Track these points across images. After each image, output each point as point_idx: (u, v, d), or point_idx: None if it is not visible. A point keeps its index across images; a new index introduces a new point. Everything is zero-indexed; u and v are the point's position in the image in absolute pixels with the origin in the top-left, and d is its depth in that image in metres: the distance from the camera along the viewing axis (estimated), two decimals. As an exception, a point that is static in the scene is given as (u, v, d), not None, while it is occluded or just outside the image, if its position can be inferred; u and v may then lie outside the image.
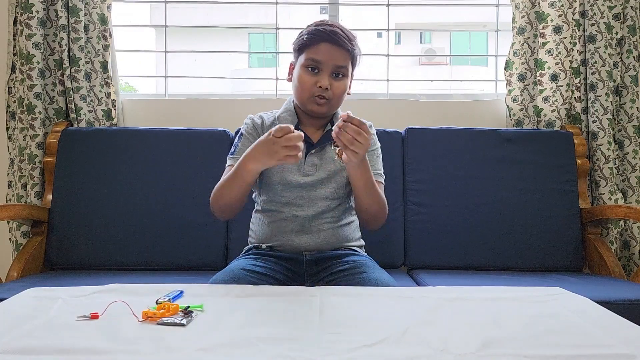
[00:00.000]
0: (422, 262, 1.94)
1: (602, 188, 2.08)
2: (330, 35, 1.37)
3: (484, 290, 1.13)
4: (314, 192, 1.43)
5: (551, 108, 2.14)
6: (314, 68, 1.39)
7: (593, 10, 2.08)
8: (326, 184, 1.44)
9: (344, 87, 1.42)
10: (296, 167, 1.43)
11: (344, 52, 1.39)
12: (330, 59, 1.38)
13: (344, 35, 1.39)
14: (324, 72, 1.39)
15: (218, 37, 9.35)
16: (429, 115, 2.24)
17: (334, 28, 1.39)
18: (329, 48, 1.38)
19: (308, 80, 1.39)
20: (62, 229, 1.91)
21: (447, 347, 0.79)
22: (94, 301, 1.01)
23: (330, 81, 1.39)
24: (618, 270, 1.87)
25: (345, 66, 1.40)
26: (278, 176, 1.43)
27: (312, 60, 1.38)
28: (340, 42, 1.38)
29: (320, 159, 1.45)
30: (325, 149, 1.46)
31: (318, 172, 1.44)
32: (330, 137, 1.38)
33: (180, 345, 0.79)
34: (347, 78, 1.42)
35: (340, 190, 1.46)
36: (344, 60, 1.40)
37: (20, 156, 2.06)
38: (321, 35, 1.38)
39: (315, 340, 0.82)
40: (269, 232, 1.45)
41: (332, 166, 1.44)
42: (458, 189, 1.98)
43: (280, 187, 1.44)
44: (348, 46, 1.39)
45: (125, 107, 2.23)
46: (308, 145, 1.43)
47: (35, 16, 2.00)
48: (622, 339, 0.83)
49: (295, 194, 1.43)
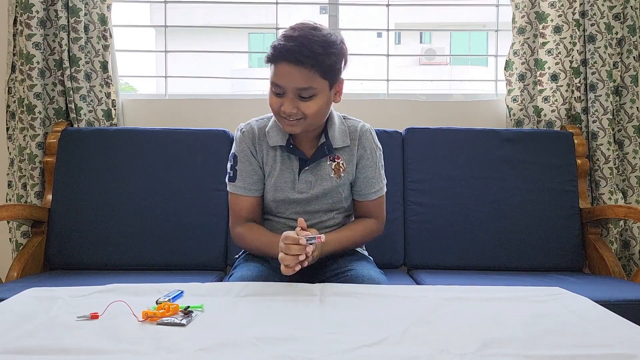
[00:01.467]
0: (422, 262, 1.94)
1: (602, 188, 2.08)
2: (287, 54, 1.21)
3: (484, 290, 1.13)
4: (309, 207, 1.40)
5: (551, 108, 2.14)
6: (278, 92, 1.26)
7: (593, 10, 2.08)
8: (322, 199, 1.40)
9: (316, 106, 1.27)
10: (290, 185, 1.38)
11: (305, 71, 1.22)
12: (291, 82, 1.24)
13: (305, 50, 1.21)
14: (287, 95, 1.25)
15: (218, 37, 9.34)
16: (429, 115, 2.24)
17: (293, 43, 1.22)
18: (288, 70, 1.22)
19: (274, 102, 1.28)
20: (62, 229, 1.91)
21: (447, 347, 0.79)
22: (94, 301, 1.01)
23: (297, 103, 1.26)
24: (618, 270, 1.87)
25: (309, 87, 1.24)
26: (271, 195, 1.40)
27: (274, 84, 1.26)
28: (298, 62, 1.21)
29: (315, 175, 1.38)
30: (320, 165, 1.38)
31: (313, 189, 1.38)
32: (324, 150, 1.37)
33: (180, 345, 0.79)
34: (318, 96, 1.26)
35: (338, 203, 1.42)
36: (307, 80, 1.23)
37: (20, 156, 2.06)
38: (278, 54, 1.23)
39: (315, 340, 0.82)
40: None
41: (328, 183, 1.38)
42: (458, 189, 1.98)
43: (274, 205, 1.42)
44: (310, 62, 1.21)
45: (125, 107, 2.23)
46: (301, 161, 1.37)
47: (35, 16, 2.00)
48: (622, 339, 0.83)
49: (291, 209, 1.41)
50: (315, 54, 1.22)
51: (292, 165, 1.39)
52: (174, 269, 1.88)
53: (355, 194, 1.44)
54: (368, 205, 1.45)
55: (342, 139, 1.39)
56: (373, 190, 1.43)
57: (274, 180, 1.39)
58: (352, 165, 1.40)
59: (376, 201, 1.45)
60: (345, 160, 1.40)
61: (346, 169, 1.39)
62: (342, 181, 1.40)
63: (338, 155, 1.39)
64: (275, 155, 1.39)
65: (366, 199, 1.43)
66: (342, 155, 1.40)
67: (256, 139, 1.40)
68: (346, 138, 1.39)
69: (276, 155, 1.39)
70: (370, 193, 1.43)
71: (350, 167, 1.40)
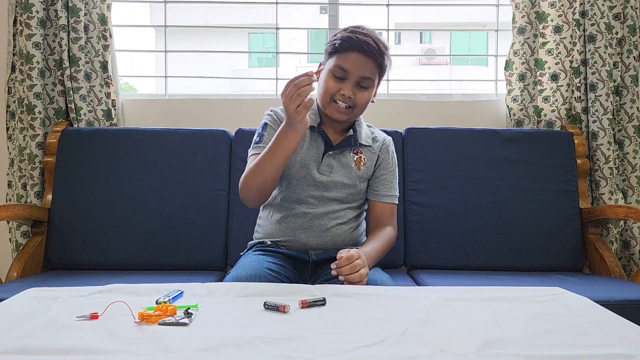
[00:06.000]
0: (422, 262, 1.94)
1: (602, 188, 2.08)
2: (362, 45, 1.35)
3: (484, 290, 1.13)
4: (326, 192, 1.45)
5: (551, 108, 2.14)
6: (340, 75, 1.38)
7: (593, 10, 2.08)
8: (339, 188, 1.46)
9: (368, 97, 1.42)
10: (314, 164, 1.44)
11: (372, 64, 1.38)
12: (358, 69, 1.37)
13: (376, 46, 1.36)
14: (349, 81, 1.38)
15: (218, 37, 9.35)
16: (429, 115, 2.24)
17: (368, 38, 1.36)
18: (358, 58, 1.36)
19: (332, 86, 1.39)
20: (62, 229, 1.91)
21: (447, 347, 0.79)
22: (94, 301, 1.01)
23: (354, 91, 1.39)
24: (618, 270, 1.87)
25: (371, 78, 1.39)
26: (295, 170, 1.44)
27: (340, 68, 1.37)
28: (370, 53, 1.36)
29: (337, 161, 1.46)
30: (344, 154, 1.47)
31: (332, 174, 1.45)
32: (350, 142, 1.47)
33: (180, 345, 0.79)
34: (371, 89, 1.42)
35: (352, 196, 1.48)
36: (371, 72, 1.39)
37: (20, 156, 2.06)
38: (353, 43, 1.36)
39: (315, 340, 0.82)
40: (277, 227, 1.47)
41: (348, 172, 1.46)
42: (458, 189, 1.98)
43: (295, 182, 1.44)
44: (378, 59, 1.37)
45: (125, 107, 2.23)
46: (327, 145, 1.46)
47: (35, 16, 2.00)
48: (622, 339, 0.83)
49: (308, 192, 1.44)
50: (382, 53, 1.38)
51: (318, 146, 1.47)
52: (174, 269, 1.87)
53: (371, 194, 1.51)
54: (383, 208, 1.50)
55: (366, 139, 1.50)
56: (388, 193, 1.51)
57: (300, 156, 1.44)
58: (371, 163, 1.50)
59: (391, 206, 1.51)
60: (367, 158, 1.50)
61: (366, 164, 1.49)
62: (361, 174, 1.47)
63: (362, 150, 1.49)
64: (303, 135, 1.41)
65: (381, 200, 1.50)
66: (365, 153, 1.50)
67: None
68: (370, 140, 1.52)
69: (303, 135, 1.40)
70: (385, 195, 1.50)
71: (369, 164, 1.50)
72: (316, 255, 1.44)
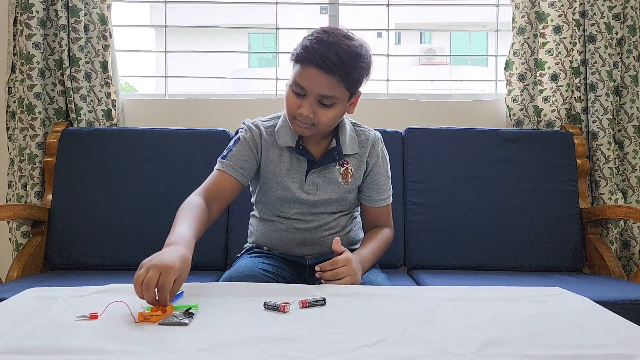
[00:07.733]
0: (422, 262, 1.94)
1: (602, 188, 2.08)
2: (318, 59, 1.18)
3: (484, 290, 1.13)
4: (315, 208, 1.39)
5: (551, 108, 2.14)
6: (299, 92, 1.24)
7: (593, 10, 2.08)
8: (328, 204, 1.38)
9: (332, 115, 1.26)
10: (297, 185, 1.36)
11: (333, 80, 1.20)
12: (315, 87, 1.21)
13: (337, 59, 1.18)
14: (308, 98, 1.23)
15: (218, 37, 9.36)
16: (429, 115, 2.24)
17: (329, 50, 1.18)
18: (316, 75, 1.20)
19: (292, 103, 1.26)
20: (62, 229, 1.91)
21: (447, 347, 0.79)
22: (94, 301, 1.01)
23: (315, 108, 1.24)
24: (618, 270, 1.87)
25: (332, 96, 1.23)
26: (278, 193, 1.37)
27: (297, 85, 1.23)
28: (328, 69, 1.19)
29: (322, 178, 1.37)
30: (329, 169, 1.37)
31: (319, 192, 1.37)
32: (334, 155, 1.36)
33: (180, 345, 0.79)
34: (337, 105, 1.25)
35: (342, 206, 1.41)
36: (332, 89, 1.22)
37: (20, 156, 2.06)
38: (309, 57, 1.20)
39: (315, 340, 0.82)
40: (268, 239, 1.43)
41: (335, 187, 1.37)
42: (458, 189, 1.98)
43: (280, 203, 1.39)
44: (339, 73, 1.20)
45: (125, 107, 2.23)
46: (310, 163, 1.36)
47: (35, 16, 2.00)
48: (622, 339, 0.83)
49: (295, 210, 1.38)
50: (345, 65, 1.20)
51: (300, 166, 1.37)
52: (174, 269, 1.87)
53: (365, 199, 1.44)
54: (378, 211, 1.45)
55: (351, 146, 1.39)
56: (383, 197, 1.44)
57: (281, 179, 1.37)
58: (360, 172, 1.40)
59: (386, 208, 1.46)
60: (354, 167, 1.39)
61: (354, 174, 1.39)
62: (349, 187, 1.39)
63: (347, 160, 1.39)
64: (282, 154, 1.37)
65: (376, 205, 1.43)
66: (352, 161, 1.39)
67: (262, 137, 1.38)
68: (355, 145, 1.39)
69: (282, 155, 1.37)
70: (380, 200, 1.43)
71: (358, 174, 1.40)
72: (313, 259, 1.41)
